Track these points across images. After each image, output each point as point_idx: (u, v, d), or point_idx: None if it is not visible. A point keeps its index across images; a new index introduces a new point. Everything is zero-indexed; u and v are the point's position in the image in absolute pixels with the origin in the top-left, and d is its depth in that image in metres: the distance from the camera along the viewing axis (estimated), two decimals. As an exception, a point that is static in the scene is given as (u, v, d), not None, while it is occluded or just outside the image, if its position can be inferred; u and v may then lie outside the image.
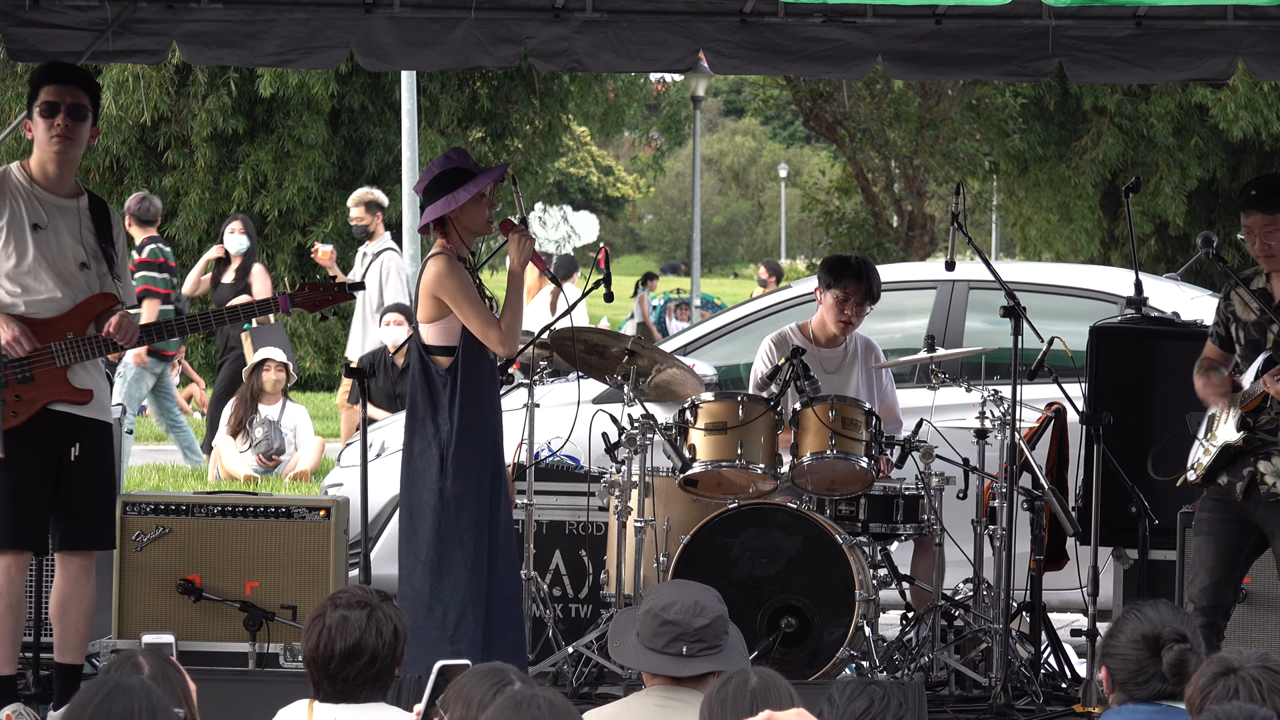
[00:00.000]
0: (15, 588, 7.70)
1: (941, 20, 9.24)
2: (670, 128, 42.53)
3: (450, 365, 7.98)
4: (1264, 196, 7.76)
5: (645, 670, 5.60)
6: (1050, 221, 31.02)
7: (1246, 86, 26.56)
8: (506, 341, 7.97)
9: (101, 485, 7.88)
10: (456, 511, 7.92)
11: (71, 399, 7.75)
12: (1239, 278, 7.99)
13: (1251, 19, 9.12)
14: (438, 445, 7.95)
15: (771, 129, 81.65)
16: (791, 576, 8.65)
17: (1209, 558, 7.91)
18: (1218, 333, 8.06)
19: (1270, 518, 7.79)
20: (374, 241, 16.56)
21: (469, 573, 7.89)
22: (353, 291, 8.34)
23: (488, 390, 8.05)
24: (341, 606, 5.15)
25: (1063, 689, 8.80)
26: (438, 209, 7.97)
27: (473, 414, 7.97)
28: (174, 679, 4.64)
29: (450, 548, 7.91)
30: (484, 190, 8.04)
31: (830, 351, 9.57)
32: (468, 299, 7.93)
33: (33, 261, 7.74)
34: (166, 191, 27.91)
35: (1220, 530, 7.91)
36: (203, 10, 9.14)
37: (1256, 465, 7.81)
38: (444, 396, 7.96)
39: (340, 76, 26.93)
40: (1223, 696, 4.69)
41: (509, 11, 9.20)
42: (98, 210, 7.92)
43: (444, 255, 7.99)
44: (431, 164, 8.13)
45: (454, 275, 7.94)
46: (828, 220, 33.76)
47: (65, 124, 7.76)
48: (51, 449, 7.72)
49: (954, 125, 30.65)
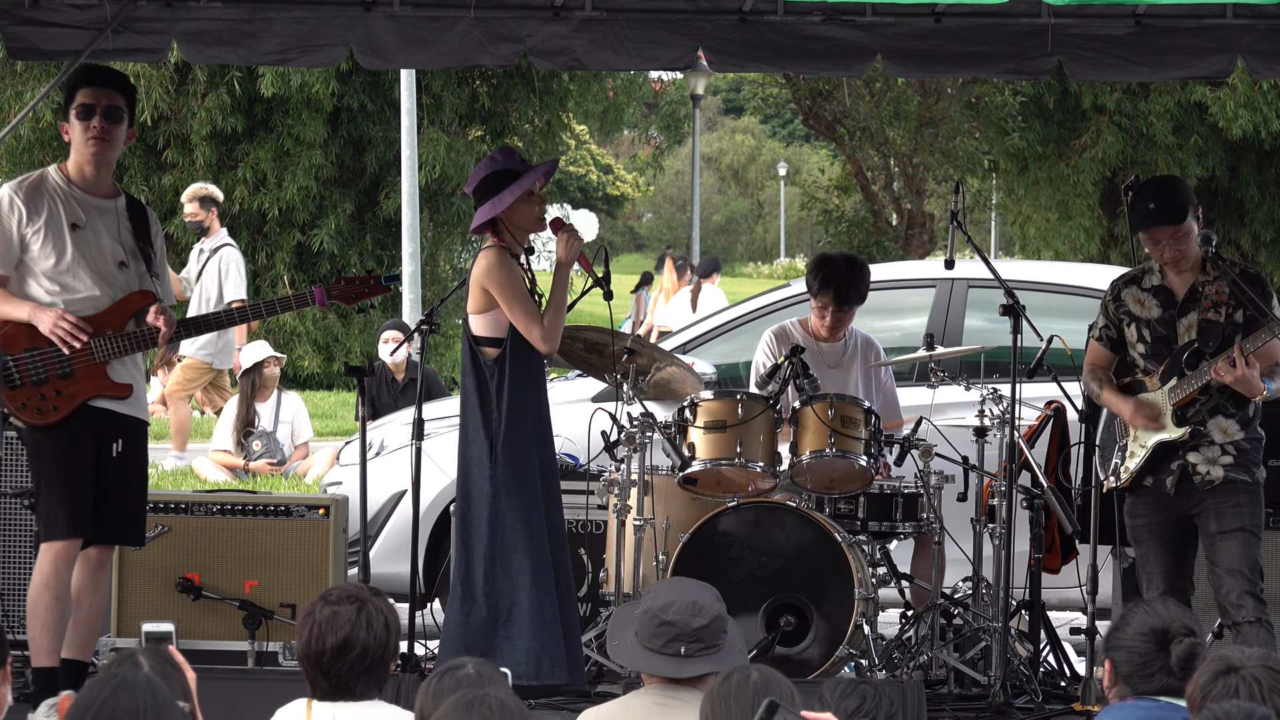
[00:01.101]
0: (62, 579, 7.75)
1: (941, 18, 9.24)
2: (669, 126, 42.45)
3: (498, 356, 8.11)
4: (1166, 209, 7.82)
5: (643, 670, 5.60)
6: (1050, 220, 31.01)
7: (1246, 85, 26.54)
8: (549, 338, 8.08)
9: (139, 483, 8.01)
10: (509, 498, 8.02)
11: (111, 394, 7.86)
12: (1125, 277, 8.06)
13: (1251, 17, 9.12)
14: (488, 434, 8.06)
15: (771, 127, 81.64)
16: (791, 575, 8.65)
17: (1157, 561, 7.97)
18: (1107, 335, 8.10)
19: (1204, 504, 7.86)
20: (210, 238, 16.41)
21: (522, 559, 7.97)
22: (389, 283, 8.38)
23: (536, 381, 8.18)
24: (332, 602, 5.16)
25: (1062, 687, 8.81)
26: (485, 212, 8.11)
27: (521, 404, 8.09)
28: (173, 678, 4.64)
29: (504, 535, 8.00)
30: (532, 189, 8.16)
31: (830, 347, 9.57)
32: (514, 293, 8.05)
33: (71, 260, 7.85)
34: (166, 190, 27.90)
35: (1162, 532, 7.97)
36: (202, 9, 9.14)
37: (1186, 458, 7.86)
38: (491, 387, 8.08)
39: (341, 75, 26.92)
40: (1223, 695, 4.69)
41: (508, 10, 9.20)
42: (135, 211, 8.03)
43: (495, 249, 8.12)
44: (479, 165, 8.24)
45: (503, 269, 8.07)
46: (827, 219, 33.73)
47: (101, 126, 7.86)
48: (95, 443, 7.82)
49: (953, 124, 30.62)
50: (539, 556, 8.01)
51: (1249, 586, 7.71)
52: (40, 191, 7.88)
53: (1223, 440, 7.88)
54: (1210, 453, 7.87)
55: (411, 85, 21.72)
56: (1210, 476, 7.86)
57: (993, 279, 8.98)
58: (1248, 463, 7.89)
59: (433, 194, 28.24)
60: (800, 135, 75.94)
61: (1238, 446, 7.88)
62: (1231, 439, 7.88)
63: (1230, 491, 7.85)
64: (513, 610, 7.92)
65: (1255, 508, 7.89)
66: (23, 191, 7.89)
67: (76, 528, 7.74)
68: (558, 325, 8.13)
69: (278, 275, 27.97)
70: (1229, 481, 7.86)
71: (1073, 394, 9.04)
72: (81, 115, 7.88)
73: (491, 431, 8.07)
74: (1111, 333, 8.11)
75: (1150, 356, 7.95)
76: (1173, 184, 8.14)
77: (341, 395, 25.91)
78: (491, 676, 4.75)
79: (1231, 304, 7.84)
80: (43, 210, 7.85)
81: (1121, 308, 8.06)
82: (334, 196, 28.40)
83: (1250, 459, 7.91)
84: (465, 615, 8.01)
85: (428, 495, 9.95)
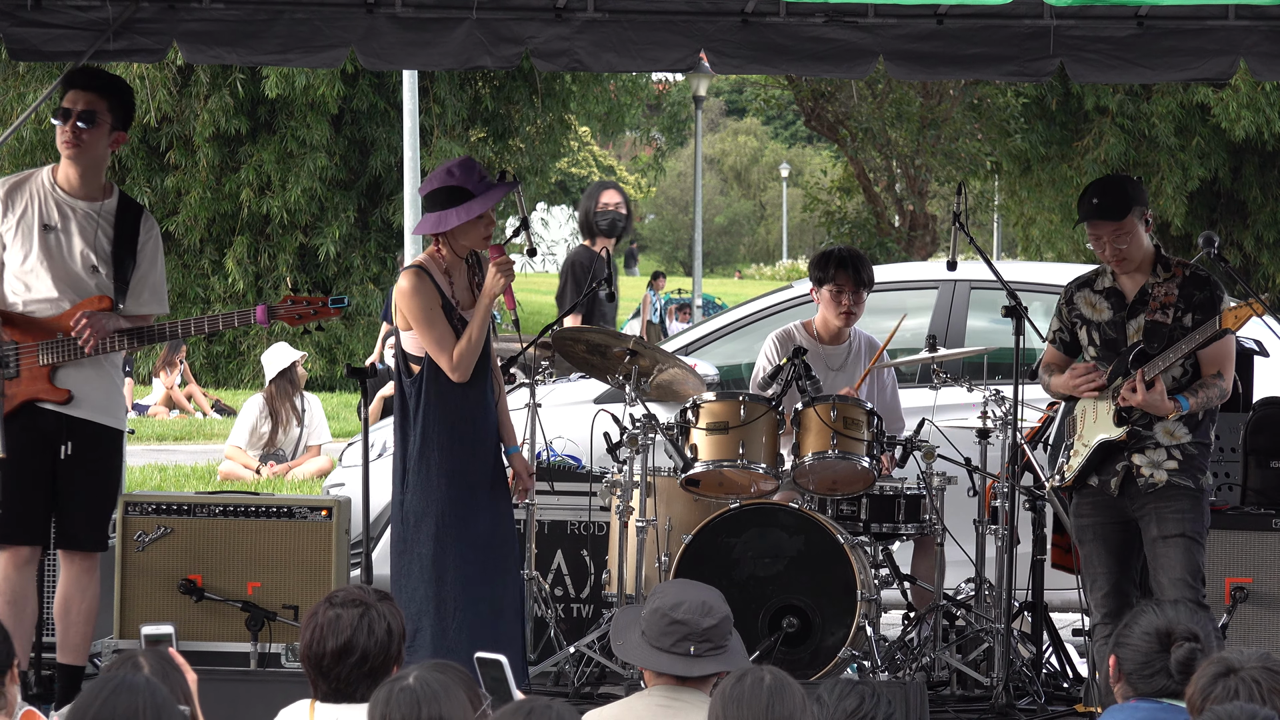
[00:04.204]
0: (12, 584, 7.73)
1: (943, 20, 9.24)
2: (672, 127, 42.53)
3: (417, 375, 7.90)
4: (1108, 205, 7.79)
5: (652, 669, 5.60)
6: (1052, 221, 31.03)
7: (1248, 86, 26.56)
8: (457, 368, 7.81)
9: (95, 488, 7.91)
10: (415, 525, 7.85)
11: (49, 398, 7.81)
12: (1078, 280, 8.04)
13: (1253, 19, 9.12)
14: (402, 456, 7.90)
15: (773, 129, 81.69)
16: (793, 576, 8.64)
17: (1101, 563, 7.91)
18: (1060, 338, 8.09)
19: (1146, 506, 7.77)
20: None
21: (427, 587, 7.81)
22: (336, 307, 8.10)
23: (462, 401, 7.88)
24: (336, 605, 5.16)
25: (1064, 689, 8.81)
26: (427, 225, 7.88)
27: (438, 427, 7.85)
28: (174, 679, 4.64)
29: (408, 560, 7.86)
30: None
31: (834, 348, 9.58)
32: (425, 320, 7.79)
33: (35, 261, 7.84)
34: (168, 191, 27.92)
35: (1105, 533, 7.90)
36: (204, 10, 9.14)
37: (1130, 459, 7.81)
38: (410, 405, 7.90)
39: (346, 77, 26.94)
40: (1223, 697, 4.69)
41: (510, 11, 9.20)
42: (127, 214, 7.97)
43: (414, 271, 7.86)
44: (436, 172, 7.97)
45: (417, 295, 7.79)
46: (829, 220, 33.78)
47: (74, 129, 7.85)
48: (45, 446, 7.78)
49: (956, 125, 30.65)
50: (443, 584, 7.79)
51: (1189, 594, 7.56)
52: (22, 189, 7.89)
53: (1168, 443, 7.76)
54: (1155, 455, 7.76)
55: (414, 87, 21.72)
56: (1154, 480, 7.74)
57: (995, 280, 8.99)
58: (1193, 468, 7.75)
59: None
60: (802, 136, 75.98)
61: (1183, 450, 7.75)
62: (1178, 442, 7.76)
63: (1172, 496, 7.72)
64: (415, 636, 7.76)
65: (1198, 514, 7.74)
66: (5, 187, 7.91)
67: (11, 536, 7.72)
68: (468, 355, 7.80)
69: (280, 278, 27.99)
70: (1171, 486, 7.73)
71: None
72: (59, 118, 7.89)
73: (406, 454, 7.87)
74: (1065, 335, 8.08)
75: (1101, 359, 7.92)
76: (1119, 182, 8.11)
77: (344, 397, 25.94)
78: (434, 693, 4.69)
79: (1181, 306, 7.77)
80: (19, 208, 7.86)
81: (1074, 311, 8.03)
82: (338, 199, 28.42)
83: (1196, 465, 7.77)
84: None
85: (430, 497, 9.97)
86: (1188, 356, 7.72)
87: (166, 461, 17.94)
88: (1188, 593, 7.57)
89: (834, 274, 9.43)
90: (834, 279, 9.43)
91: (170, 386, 23.54)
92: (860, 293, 9.46)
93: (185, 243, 28.10)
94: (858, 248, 9.93)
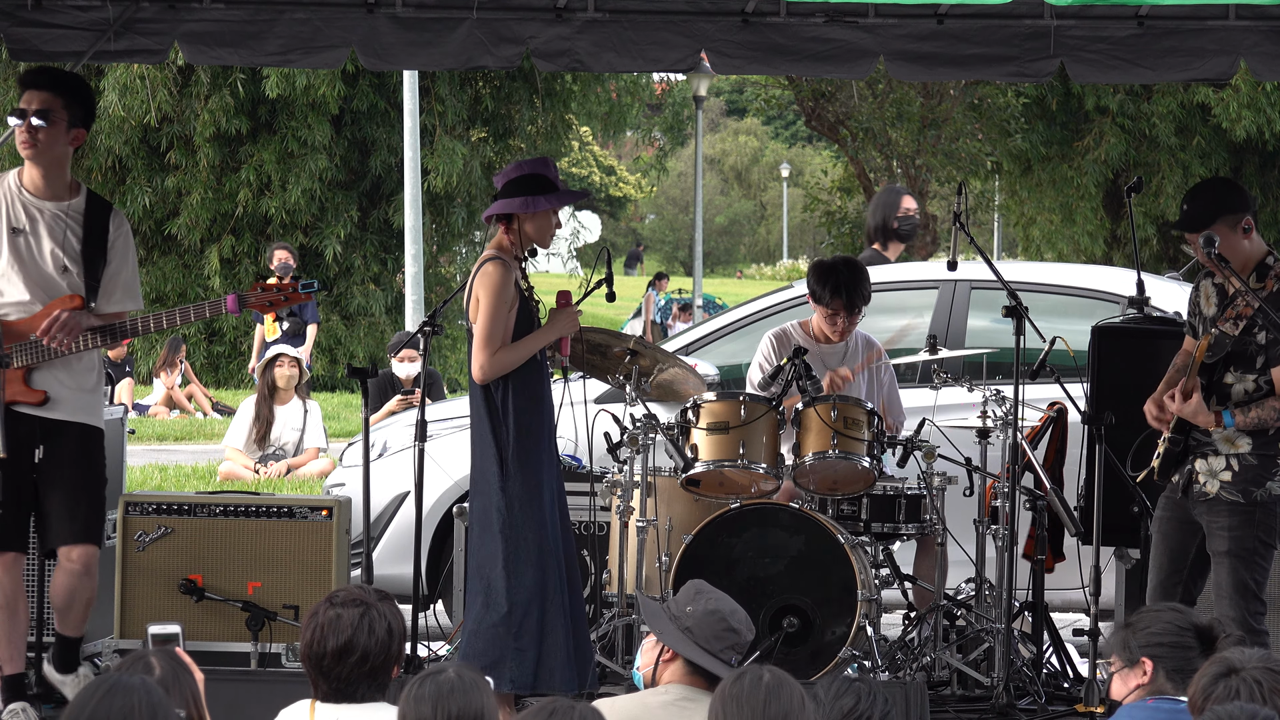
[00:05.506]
0: (3, 587, 7.73)
1: (943, 20, 9.24)
2: (672, 128, 42.49)
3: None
4: (1190, 215, 7.73)
5: (705, 667, 5.69)
6: (1053, 221, 31.01)
7: (1249, 86, 26.54)
8: (486, 367, 7.91)
9: (73, 480, 7.84)
10: (522, 509, 7.94)
11: (25, 400, 7.79)
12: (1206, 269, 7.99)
13: (1253, 19, 9.12)
14: (497, 446, 7.96)
15: (773, 129, 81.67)
16: (794, 576, 8.65)
17: (1156, 558, 7.91)
18: (1191, 324, 8.06)
19: (1203, 516, 7.75)
20: None
21: (535, 571, 7.92)
22: (306, 291, 8.05)
23: (539, 388, 8.06)
24: (336, 605, 5.17)
25: (1065, 689, 8.80)
26: (514, 205, 7.96)
27: (527, 413, 7.99)
28: (184, 680, 4.65)
29: (518, 547, 7.93)
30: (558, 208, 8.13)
31: (832, 347, 9.58)
32: (495, 312, 7.90)
33: (6, 265, 7.82)
34: (169, 191, 27.91)
35: (1168, 530, 7.89)
36: (204, 10, 9.15)
37: (1194, 464, 7.78)
38: (496, 397, 7.98)
39: (346, 78, 26.94)
40: (1224, 697, 4.69)
41: (511, 11, 9.21)
42: (95, 212, 7.91)
43: (499, 260, 7.95)
44: (521, 162, 8.15)
45: (503, 288, 7.91)
46: (830, 220, 33.73)
47: (30, 128, 7.81)
48: (21, 450, 7.76)
49: (956, 125, 30.61)
50: (550, 567, 7.95)
51: (1233, 612, 7.55)
52: None
53: (1228, 451, 7.68)
54: (1215, 463, 7.70)
55: (415, 87, 21.74)
56: (1205, 489, 7.70)
57: (996, 280, 8.99)
58: (1246, 481, 7.66)
59: (436, 197, 28.26)
60: (803, 137, 75.96)
61: (1242, 460, 7.66)
62: (1237, 451, 7.68)
63: (1220, 512, 7.67)
64: (524, 621, 7.86)
65: (1247, 529, 7.65)
66: None
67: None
68: (503, 365, 7.92)
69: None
70: (1219, 500, 7.68)
71: (1075, 395, 9.04)
72: (15, 118, 7.85)
73: (500, 443, 7.97)
74: (1194, 322, 8.03)
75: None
76: (1210, 189, 8.05)
77: (345, 397, 25.93)
78: (474, 682, 4.75)
79: (1258, 320, 7.62)
80: None
81: (1197, 298, 7.97)
82: (338, 199, 28.41)
83: (1251, 476, 7.66)
84: (479, 624, 7.96)
85: (430, 497, 9.97)
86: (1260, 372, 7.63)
87: (167, 461, 17.93)
88: (1231, 611, 7.55)
89: (829, 300, 9.42)
90: (829, 304, 9.43)
91: (171, 386, 23.54)
92: (855, 316, 9.46)
93: (186, 243, 28.08)
94: (848, 256, 9.88)
